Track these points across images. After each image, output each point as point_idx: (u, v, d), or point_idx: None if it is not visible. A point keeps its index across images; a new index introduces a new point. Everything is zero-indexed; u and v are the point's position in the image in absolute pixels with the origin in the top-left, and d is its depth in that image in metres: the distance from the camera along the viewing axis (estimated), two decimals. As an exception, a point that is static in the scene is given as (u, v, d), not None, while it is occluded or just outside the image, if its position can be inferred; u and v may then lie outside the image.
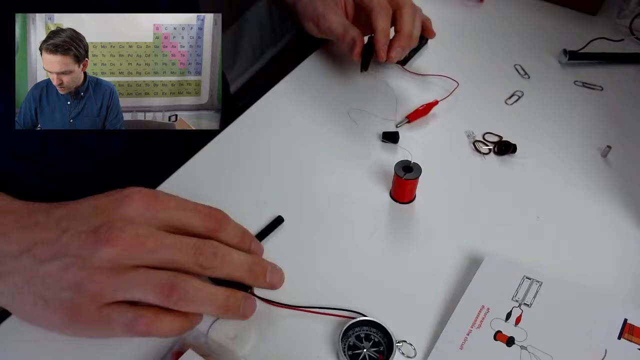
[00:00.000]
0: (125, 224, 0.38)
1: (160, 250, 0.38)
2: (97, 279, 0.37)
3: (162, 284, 0.38)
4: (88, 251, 0.37)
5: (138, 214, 0.39)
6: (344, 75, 0.68)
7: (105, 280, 0.37)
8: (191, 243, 0.39)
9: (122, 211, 0.39)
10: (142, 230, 0.38)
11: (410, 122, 0.62)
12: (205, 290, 0.40)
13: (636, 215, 0.53)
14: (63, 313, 0.38)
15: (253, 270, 0.43)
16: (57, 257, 0.38)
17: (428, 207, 0.54)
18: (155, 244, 0.38)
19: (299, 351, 0.43)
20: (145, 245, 0.38)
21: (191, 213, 0.41)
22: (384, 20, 0.60)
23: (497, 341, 0.43)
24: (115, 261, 0.37)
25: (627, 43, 0.72)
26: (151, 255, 0.38)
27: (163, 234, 0.39)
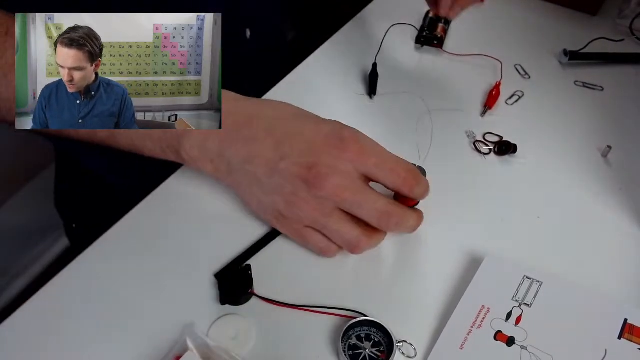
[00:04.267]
0: (330, 171, 0.45)
1: (353, 204, 0.45)
2: (302, 206, 0.46)
3: (346, 240, 0.46)
4: (299, 185, 0.45)
5: (344, 164, 0.45)
6: (344, 75, 0.68)
7: (309, 211, 0.46)
8: (379, 207, 0.45)
9: (331, 157, 0.45)
10: (343, 180, 0.45)
11: (490, 108, 0.63)
12: None
13: (636, 215, 0.53)
14: (272, 217, 0.48)
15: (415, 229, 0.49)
16: (273, 177, 0.46)
17: (428, 207, 0.54)
18: (350, 197, 0.45)
19: (299, 351, 0.43)
20: (342, 196, 0.45)
21: (388, 174, 0.46)
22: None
23: (498, 341, 0.43)
24: (319, 201, 0.45)
25: (627, 43, 0.72)
26: (344, 204, 0.45)
27: (359, 188, 0.45)
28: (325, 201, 0.45)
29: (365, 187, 0.45)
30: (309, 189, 0.45)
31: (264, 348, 0.43)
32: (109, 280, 0.48)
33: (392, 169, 0.46)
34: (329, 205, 0.45)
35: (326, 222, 0.46)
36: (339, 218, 0.46)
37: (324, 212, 0.45)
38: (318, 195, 0.45)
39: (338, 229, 0.46)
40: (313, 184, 0.45)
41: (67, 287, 0.47)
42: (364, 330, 0.44)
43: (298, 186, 0.45)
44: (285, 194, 0.46)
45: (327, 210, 0.45)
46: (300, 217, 0.46)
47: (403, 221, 0.46)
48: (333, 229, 0.46)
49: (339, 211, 0.46)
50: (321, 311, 0.45)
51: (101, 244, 0.50)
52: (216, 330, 0.44)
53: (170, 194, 0.54)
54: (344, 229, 0.46)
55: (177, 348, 0.42)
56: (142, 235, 0.51)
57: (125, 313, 0.45)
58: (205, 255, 0.49)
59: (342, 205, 0.45)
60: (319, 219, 0.46)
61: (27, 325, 0.44)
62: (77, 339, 0.44)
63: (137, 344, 0.43)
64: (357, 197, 0.45)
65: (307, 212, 0.46)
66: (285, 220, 0.47)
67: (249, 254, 0.49)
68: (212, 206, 0.53)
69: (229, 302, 0.45)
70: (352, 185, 0.45)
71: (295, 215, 0.46)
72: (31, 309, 0.46)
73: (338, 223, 0.46)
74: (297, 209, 0.46)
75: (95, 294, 0.47)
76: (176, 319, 0.45)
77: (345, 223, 0.46)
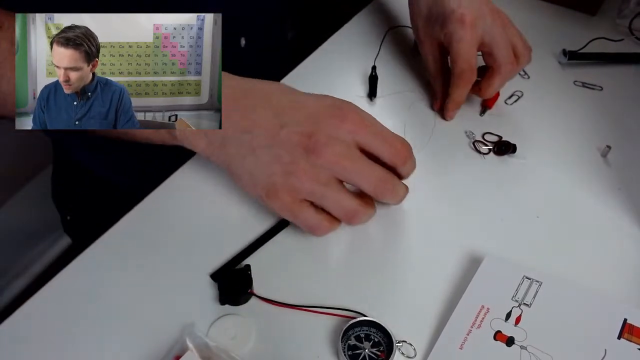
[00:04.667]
0: (330, 140, 0.45)
1: (351, 173, 0.46)
2: (300, 176, 0.45)
3: (346, 209, 0.46)
4: (298, 153, 0.45)
5: (343, 133, 0.46)
6: (344, 76, 0.68)
7: (307, 181, 0.45)
8: (377, 175, 0.46)
9: (331, 126, 0.46)
10: (342, 149, 0.45)
11: (490, 108, 0.62)
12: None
13: (636, 215, 0.53)
14: (263, 191, 0.47)
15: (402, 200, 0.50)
16: (272, 147, 0.46)
17: (428, 207, 0.54)
18: (349, 166, 0.46)
19: (299, 351, 0.43)
20: (341, 163, 0.45)
21: (384, 145, 0.47)
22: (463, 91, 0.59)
23: (497, 341, 0.43)
24: (317, 169, 0.45)
25: (626, 43, 0.72)
26: (342, 172, 0.46)
27: (356, 157, 0.46)
28: (324, 170, 0.45)
29: (362, 156, 0.46)
30: (309, 156, 0.45)
31: (263, 348, 0.43)
32: (109, 280, 0.48)
33: (388, 140, 0.47)
34: (327, 174, 0.45)
35: (324, 191, 0.46)
36: (338, 188, 0.46)
37: (322, 181, 0.45)
38: (317, 163, 0.45)
39: (337, 198, 0.46)
40: (313, 151, 0.45)
41: (67, 287, 0.47)
42: (363, 330, 0.44)
43: (297, 155, 0.45)
44: (284, 163, 0.46)
45: (325, 179, 0.45)
46: (296, 188, 0.46)
47: (396, 189, 0.48)
48: (332, 198, 0.46)
49: (337, 181, 0.46)
50: (321, 311, 0.45)
51: (101, 244, 0.50)
52: (216, 330, 0.44)
53: (171, 193, 0.54)
54: (342, 198, 0.46)
55: (177, 348, 0.42)
56: (142, 235, 0.51)
57: (125, 313, 0.45)
58: (205, 255, 0.49)
59: (341, 174, 0.46)
60: (317, 189, 0.46)
61: (27, 325, 0.44)
62: (77, 339, 0.44)
63: (137, 344, 0.43)
64: (355, 165, 0.46)
65: (305, 182, 0.45)
66: (278, 194, 0.46)
67: (244, 255, 0.49)
68: (213, 206, 0.53)
69: (229, 302, 0.45)
70: (350, 154, 0.46)
71: (291, 187, 0.46)
72: (31, 309, 0.46)
73: (337, 192, 0.46)
74: (295, 178, 0.45)
75: (95, 294, 0.47)
76: (176, 319, 0.45)
77: (343, 193, 0.46)
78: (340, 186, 0.46)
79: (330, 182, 0.46)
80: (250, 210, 0.52)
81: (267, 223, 0.51)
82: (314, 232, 0.48)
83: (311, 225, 0.47)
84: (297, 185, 0.45)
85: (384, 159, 0.47)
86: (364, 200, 0.47)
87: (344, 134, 0.46)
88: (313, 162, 0.45)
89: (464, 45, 0.56)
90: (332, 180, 0.46)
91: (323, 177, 0.45)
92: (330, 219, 0.47)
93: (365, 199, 0.48)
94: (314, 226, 0.47)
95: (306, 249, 0.50)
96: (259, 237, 0.50)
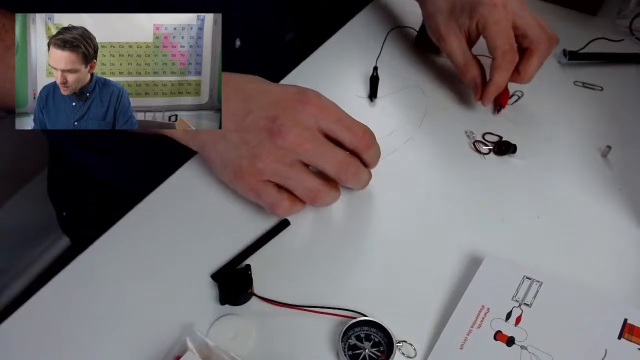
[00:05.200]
0: (294, 124, 0.47)
1: (314, 155, 0.48)
2: (265, 158, 0.47)
3: (308, 189, 0.48)
4: (263, 136, 0.47)
5: (306, 117, 0.48)
6: (344, 76, 0.68)
7: (271, 162, 0.47)
8: (339, 158, 0.48)
9: (295, 111, 0.48)
10: (305, 132, 0.47)
11: (504, 107, 0.62)
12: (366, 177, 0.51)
13: (636, 215, 0.53)
14: (231, 173, 0.49)
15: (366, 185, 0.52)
16: (240, 131, 0.48)
17: (428, 207, 0.54)
18: (312, 148, 0.47)
19: (299, 351, 0.43)
20: (304, 146, 0.47)
21: (346, 131, 0.49)
22: (506, 74, 0.58)
23: (497, 341, 0.43)
24: (281, 151, 0.47)
25: (627, 43, 0.72)
26: (305, 155, 0.47)
27: (320, 140, 0.48)
28: (288, 152, 0.47)
29: (325, 140, 0.48)
30: (273, 139, 0.47)
31: (263, 348, 0.43)
32: (109, 280, 0.48)
33: (351, 127, 0.49)
34: (291, 156, 0.47)
35: (287, 171, 0.47)
36: (301, 169, 0.48)
37: (286, 162, 0.47)
38: (281, 145, 0.47)
39: (300, 178, 0.48)
40: (278, 134, 0.47)
41: (67, 288, 0.47)
42: (363, 330, 0.44)
43: (262, 138, 0.47)
44: (250, 146, 0.48)
45: (289, 160, 0.47)
46: (261, 169, 0.47)
47: (359, 172, 0.49)
48: (295, 178, 0.48)
49: (301, 163, 0.48)
50: (321, 311, 0.45)
51: (101, 244, 0.50)
52: (216, 330, 0.44)
53: (171, 193, 0.54)
54: (305, 178, 0.48)
55: (177, 348, 0.42)
56: (142, 235, 0.51)
57: (125, 313, 0.45)
58: (205, 255, 0.49)
59: (303, 156, 0.48)
60: (280, 170, 0.47)
61: (27, 325, 0.44)
62: (77, 339, 0.44)
63: (137, 344, 0.43)
64: (318, 148, 0.48)
65: (269, 164, 0.47)
66: (244, 176, 0.48)
67: (245, 255, 0.49)
68: (213, 206, 0.53)
69: (229, 302, 0.45)
70: (313, 138, 0.48)
71: (256, 168, 0.47)
72: (31, 309, 0.46)
73: (300, 173, 0.48)
74: (259, 160, 0.47)
75: (94, 294, 0.47)
76: (176, 319, 0.45)
77: (306, 173, 0.48)
78: (304, 168, 0.48)
79: (294, 164, 0.48)
80: (250, 210, 0.52)
81: (268, 223, 0.51)
82: (275, 209, 0.49)
83: (272, 202, 0.49)
84: (261, 166, 0.47)
85: (346, 144, 0.49)
86: (327, 182, 0.49)
87: (307, 118, 0.48)
88: (277, 144, 0.47)
89: (502, 26, 0.57)
90: (295, 162, 0.48)
91: (287, 159, 0.47)
92: (292, 198, 0.49)
93: (329, 181, 0.49)
94: (275, 203, 0.49)
95: (306, 249, 0.50)
96: (259, 237, 0.50)
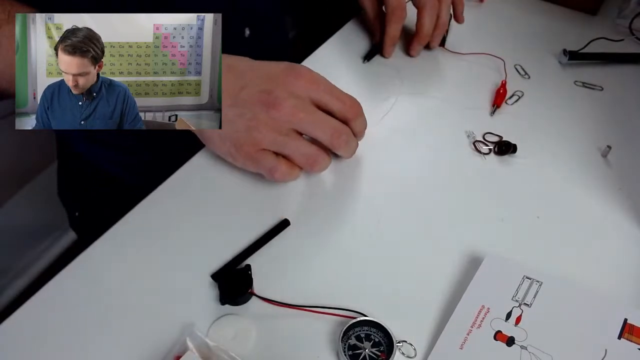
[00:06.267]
0: (288, 95, 0.50)
1: (307, 123, 0.50)
2: (261, 129, 0.50)
3: (306, 155, 0.51)
4: (259, 109, 0.50)
5: (298, 89, 0.50)
6: (344, 74, 0.68)
7: (267, 132, 0.50)
8: (332, 125, 0.51)
9: (287, 84, 0.50)
10: (299, 102, 0.50)
11: (499, 107, 0.63)
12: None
13: (636, 215, 0.53)
14: (230, 145, 0.51)
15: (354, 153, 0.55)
16: (235, 106, 0.50)
17: (428, 207, 0.54)
18: (306, 116, 0.50)
19: (299, 351, 0.43)
20: (298, 115, 0.50)
21: (336, 101, 0.52)
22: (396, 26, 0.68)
23: (497, 341, 0.43)
24: (277, 122, 0.50)
25: (627, 43, 0.72)
26: (300, 123, 0.50)
27: (312, 109, 0.51)
28: (283, 122, 0.50)
29: (317, 110, 0.51)
30: (268, 110, 0.49)
31: (263, 348, 0.43)
32: (109, 280, 0.48)
33: (340, 97, 0.52)
34: (287, 125, 0.50)
35: (285, 140, 0.50)
36: (297, 137, 0.51)
37: (282, 131, 0.50)
38: (276, 116, 0.49)
39: (297, 145, 0.51)
40: (273, 106, 0.49)
41: (67, 287, 0.47)
42: (363, 330, 0.44)
43: (258, 110, 0.50)
44: (247, 119, 0.50)
45: (285, 130, 0.50)
46: (258, 139, 0.50)
47: (350, 140, 0.53)
48: (292, 145, 0.50)
49: (296, 132, 0.51)
50: (321, 311, 0.45)
51: (101, 244, 0.50)
52: (216, 330, 0.44)
53: (172, 193, 0.54)
54: (302, 145, 0.51)
55: (177, 348, 0.42)
56: (142, 235, 0.51)
57: (125, 313, 0.45)
58: (205, 255, 0.49)
59: (298, 125, 0.50)
60: (277, 138, 0.50)
61: (27, 325, 0.44)
62: (77, 339, 0.44)
63: (137, 344, 0.43)
64: (311, 117, 0.50)
65: (266, 134, 0.50)
66: (242, 147, 0.51)
67: (245, 255, 0.49)
68: (214, 206, 0.53)
69: (229, 302, 0.45)
70: (306, 108, 0.51)
71: (253, 139, 0.50)
72: (31, 309, 0.46)
73: (296, 140, 0.51)
74: (256, 131, 0.50)
75: (95, 294, 0.47)
76: (176, 319, 0.45)
77: (302, 141, 0.51)
78: (300, 136, 0.51)
79: (290, 132, 0.50)
80: (251, 210, 0.52)
81: (268, 223, 0.51)
82: (273, 174, 0.51)
83: (270, 167, 0.51)
84: (258, 137, 0.50)
85: (336, 113, 0.52)
86: (321, 148, 0.52)
87: (300, 90, 0.50)
88: (273, 115, 0.49)
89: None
90: (291, 132, 0.50)
91: (283, 129, 0.50)
92: (289, 164, 0.52)
93: (323, 147, 0.52)
94: (274, 168, 0.51)
95: (306, 249, 0.50)
96: (260, 237, 0.50)
